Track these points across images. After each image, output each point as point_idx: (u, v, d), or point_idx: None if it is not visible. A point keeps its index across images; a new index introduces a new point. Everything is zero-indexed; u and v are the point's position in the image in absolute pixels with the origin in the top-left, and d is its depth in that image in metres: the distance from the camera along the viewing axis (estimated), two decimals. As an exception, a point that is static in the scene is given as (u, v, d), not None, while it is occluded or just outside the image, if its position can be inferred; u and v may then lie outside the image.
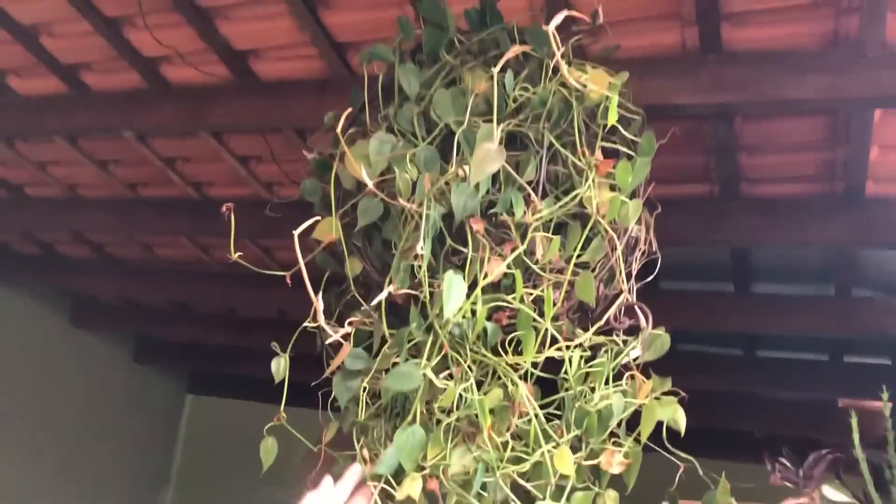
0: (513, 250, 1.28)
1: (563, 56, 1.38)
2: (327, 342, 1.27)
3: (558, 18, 1.23)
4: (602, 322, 1.35)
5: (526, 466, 1.21)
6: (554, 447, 1.21)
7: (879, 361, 3.16)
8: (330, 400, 1.34)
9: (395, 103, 1.42)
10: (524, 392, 1.22)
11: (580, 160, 1.33)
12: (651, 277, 1.51)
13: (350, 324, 1.29)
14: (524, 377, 1.26)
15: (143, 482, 5.01)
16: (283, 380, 1.34)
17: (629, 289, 1.42)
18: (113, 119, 2.53)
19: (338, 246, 1.42)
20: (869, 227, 2.20)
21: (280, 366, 1.31)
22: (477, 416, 1.20)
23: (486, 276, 1.24)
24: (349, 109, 1.41)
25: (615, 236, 1.33)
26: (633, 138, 1.41)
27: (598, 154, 1.32)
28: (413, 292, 1.27)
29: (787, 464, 1.35)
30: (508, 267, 1.27)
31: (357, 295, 1.36)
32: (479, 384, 1.28)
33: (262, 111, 2.30)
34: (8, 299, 4.14)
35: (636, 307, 1.35)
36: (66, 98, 2.59)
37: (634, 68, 1.85)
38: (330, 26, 2.08)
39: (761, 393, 3.60)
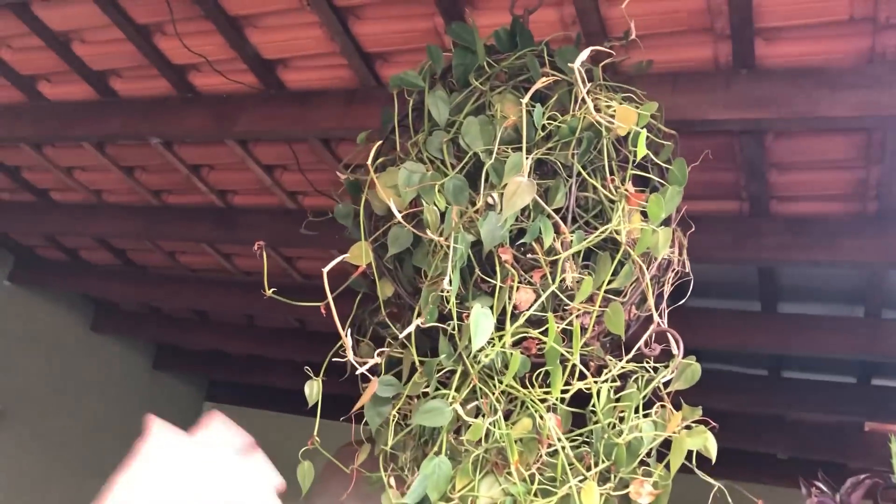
0: (542, 278, 1.28)
1: (593, 79, 1.37)
2: (357, 372, 1.26)
3: (584, 54, 1.22)
4: (634, 350, 1.34)
5: (553, 501, 1.19)
6: (581, 481, 1.19)
7: (909, 385, 3.10)
8: (363, 422, 1.34)
9: (425, 130, 1.42)
10: (551, 425, 1.21)
11: (610, 191, 1.32)
12: (683, 301, 1.49)
13: (380, 354, 1.29)
14: (553, 408, 1.25)
15: (160, 489, 5.02)
16: (313, 395, 1.34)
17: (661, 312, 1.40)
18: (141, 126, 2.55)
19: (370, 267, 1.42)
20: (901, 248, 2.16)
21: (313, 390, 1.31)
22: (505, 447, 1.19)
23: (514, 306, 1.24)
24: (379, 142, 1.42)
25: (643, 264, 1.32)
26: (665, 165, 1.40)
27: (629, 185, 1.31)
28: (441, 325, 1.27)
29: (824, 488, 1.32)
30: (538, 296, 1.26)
31: (387, 318, 1.35)
32: (508, 414, 1.27)
33: (288, 120, 2.31)
34: (31, 303, 4.17)
35: (668, 334, 1.33)
36: (95, 104, 2.61)
37: (667, 83, 1.85)
38: (359, 36, 2.08)
39: (786, 414, 3.54)
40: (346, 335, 1.19)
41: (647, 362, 1.32)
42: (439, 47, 1.51)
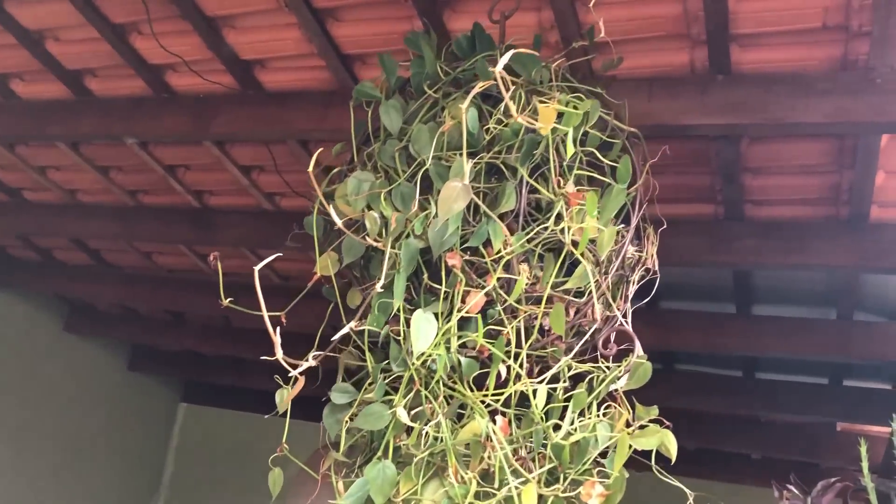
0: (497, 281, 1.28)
1: (554, 79, 1.38)
2: (289, 375, 1.27)
3: (505, 59, 1.22)
4: (588, 350, 1.35)
5: (492, 503, 1.19)
6: (522, 482, 1.19)
7: (879, 386, 3.14)
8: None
9: (381, 139, 1.43)
10: (494, 428, 1.21)
11: (551, 192, 1.32)
12: (647, 299, 1.50)
13: (315, 358, 1.29)
14: (500, 412, 1.26)
15: (135, 490, 4.97)
16: (283, 403, 1.34)
17: (624, 313, 1.41)
18: (116, 125, 2.52)
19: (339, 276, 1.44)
20: (872, 251, 2.19)
21: (283, 396, 1.31)
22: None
23: (460, 310, 1.25)
24: (336, 169, 1.44)
25: (590, 263, 1.32)
26: (611, 164, 1.41)
27: (570, 185, 1.31)
28: (375, 329, 1.29)
29: (795, 490, 1.34)
30: (491, 300, 1.27)
31: (352, 329, 1.35)
32: (461, 417, 1.28)
33: (266, 121, 2.30)
34: (3, 304, 4.11)
35: (632, 334, 1.34)
36: (69, 103, 2.58)
37: (643, 88, 1.86)
38: (337, 38, 2.07)
39: (760, 415, 3.58)
40: (276, 335, 1.20)
41: (603, 362, 1.32)
42: (393, 58, 1.53)
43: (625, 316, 1.42)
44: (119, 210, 3.16)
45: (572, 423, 1.25)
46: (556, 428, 1.26)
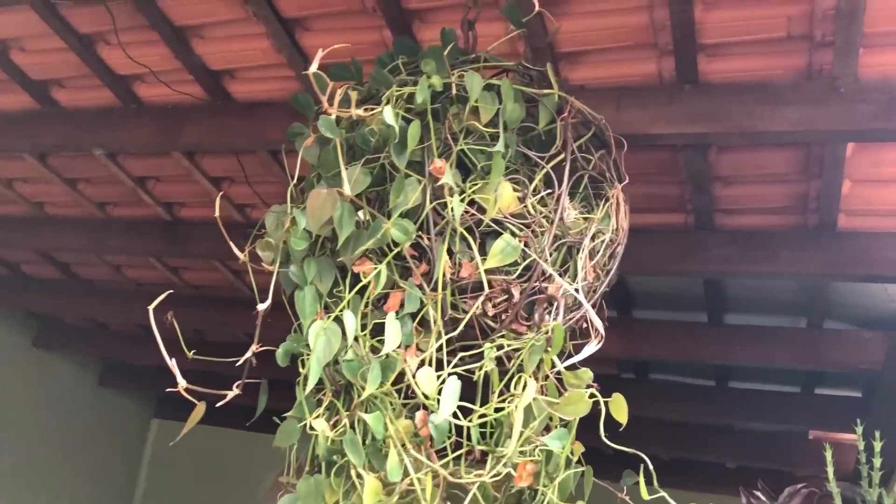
0: (424, 275, 1.27)
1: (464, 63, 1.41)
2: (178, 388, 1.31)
3: (314, 64, 1.23)
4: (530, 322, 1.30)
5: (393, 500, 1.19)
6: (425, 474, 1.18)
7: (850, 394, 3.17)
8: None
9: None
10: (380, 424, 1.20)
11: (420, 177, 1.32)
12: (600, 294, 1.43)
13: (237, 386, 1.33)
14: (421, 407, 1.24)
15: (106, 508, 4.89)
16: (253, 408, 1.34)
17: (577, 288, 1.32)
18: (84, 137, 2.49)
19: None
20: (840, 260, 2.21)
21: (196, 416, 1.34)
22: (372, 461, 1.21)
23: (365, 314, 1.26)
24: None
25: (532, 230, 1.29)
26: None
27: (436, 162, 1.29)
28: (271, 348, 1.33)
29: (762, 497, 1.34)
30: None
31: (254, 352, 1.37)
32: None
33: (236, 132, 2.28)
34: (-31, 319, 4.05)
35: (555, 299, 1.27)
36: (35, 114, 2.54)
37: (612, 98, 1.87)
38: (307, 48, 2.06)
39: (734, 424, 3.59)
40: (172, 363, 1.28)
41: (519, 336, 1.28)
42: (307, 94, 1.54)
43: (580, 290, 1.33)
44: (88, 223, 3.12)
45: (487, 404, 1.21)
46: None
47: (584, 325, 1.39)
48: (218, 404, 1.27)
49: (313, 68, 1.22)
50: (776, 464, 3.54)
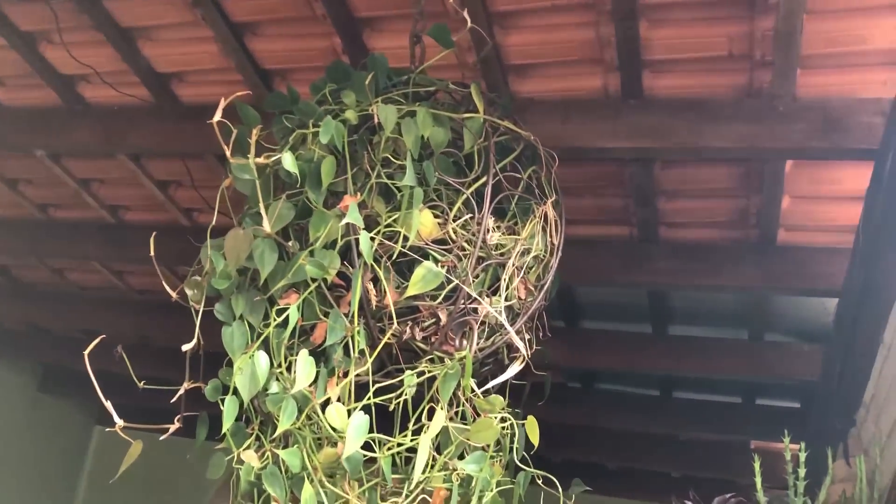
0: (349, 304, 1.27)
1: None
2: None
3: (218, 114, 1.28)
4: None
5: None
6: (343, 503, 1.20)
7: (790, 405, 3.24)
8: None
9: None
10: (313, 458, 1.21)
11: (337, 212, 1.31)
12: (538, 307, 1.43)
13: (177, 421, 1.35)
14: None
15: (44, 519, 4.75)
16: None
17: (499, 310, 1.32)
18: (25, 137, 2.43)
19: None
20: (779, 273, 2.26)
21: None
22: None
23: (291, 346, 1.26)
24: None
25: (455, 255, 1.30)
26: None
27: (345, 199, 1.29)
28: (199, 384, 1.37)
29: (694, 506, 1.36)
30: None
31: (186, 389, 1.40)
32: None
33: (182, 135, 2.25)
34: None
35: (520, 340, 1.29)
36: (-26, 113, 2.48)
37: (558, 111, 1.89)
38: (255, 52, 2.05)
39: (679, 434, 3.65)
40: (108, 405, 1.27)
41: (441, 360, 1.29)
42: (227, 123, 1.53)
43: (504, 314, 1.33)
44: (28, 225, 3.04)
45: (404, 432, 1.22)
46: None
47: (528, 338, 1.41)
48: (161, 438, 1.26)
49: (217, 117, 1.23)
50: (719, 473, 3.59)
